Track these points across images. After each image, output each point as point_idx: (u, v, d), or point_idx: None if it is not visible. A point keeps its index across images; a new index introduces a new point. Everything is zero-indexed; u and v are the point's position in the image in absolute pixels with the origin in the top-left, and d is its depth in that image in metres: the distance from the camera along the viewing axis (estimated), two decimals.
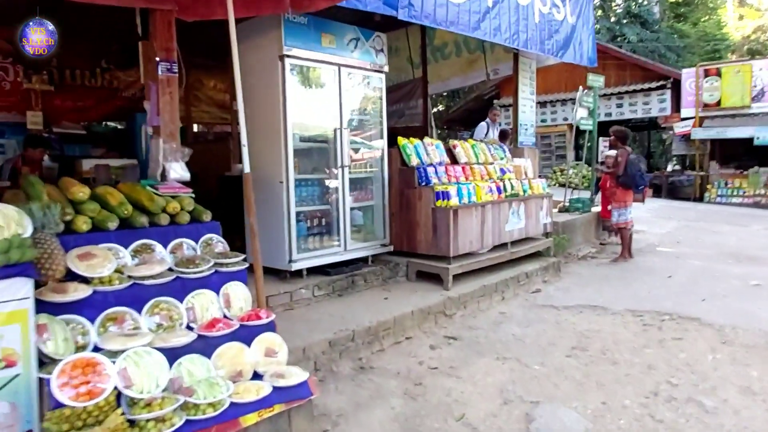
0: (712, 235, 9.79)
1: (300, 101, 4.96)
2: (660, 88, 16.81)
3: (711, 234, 9.95)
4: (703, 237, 9.66)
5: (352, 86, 5.34)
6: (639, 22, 27.46)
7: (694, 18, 31.54)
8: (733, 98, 15.61)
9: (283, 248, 4.72)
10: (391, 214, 5.76)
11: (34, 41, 3.03)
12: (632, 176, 7.65)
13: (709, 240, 9.35)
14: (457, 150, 6.21)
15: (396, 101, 8.53)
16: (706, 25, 30.79)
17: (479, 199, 5.69)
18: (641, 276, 6.87)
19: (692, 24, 30.81)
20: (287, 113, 4.66)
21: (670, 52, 26.08)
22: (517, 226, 6.25)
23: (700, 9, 32.69)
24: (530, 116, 7.46)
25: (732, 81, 15.60)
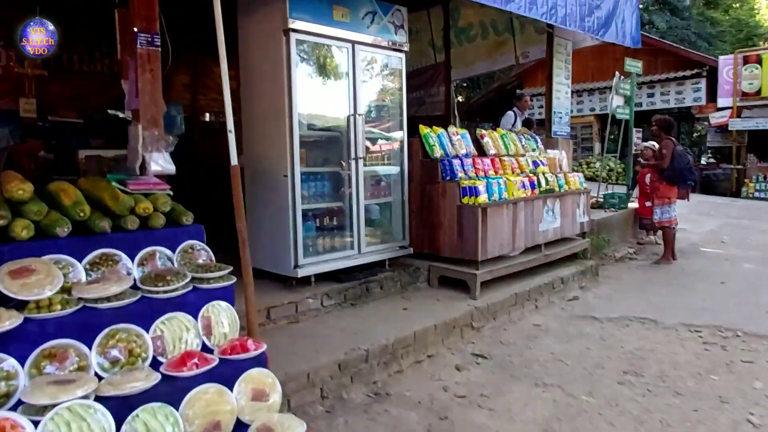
0: (759, 235, 8.91)
1: (308, 84, 4.32)
2: (695, 76, 15.75)
3: (758, 233, 9.06)
4: (750, 236, 8.79)
5: (367, 67, 4.67)
6: (668, 9, 26.17)
7: (725, 5, 30.07)
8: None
9: (288, 252, 4.10)
10: (411, 212, 5.09)
11: (34, 41, 2.57)
12: (679, 170, 6.84)
13: (757, 240, 8.48)
14: (485, 140, 5.50)
15: (416, 88, 7.83)
16: (739, 12, 29.32)
17: (511, 195, 4.98)
18: (690, 282, 6.10)
19: (724, 11, 29.38)
20: (292, 97, 4.02)
21: (701, 40, 24.77)
22: (552, 226, 5.53)
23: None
24: (565, 103, 6.70)
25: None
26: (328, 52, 4.42)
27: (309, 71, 4.36)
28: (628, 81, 8.75)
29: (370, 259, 4.61)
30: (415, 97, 7.93)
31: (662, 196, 7.06)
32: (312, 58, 4.36)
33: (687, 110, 19.05)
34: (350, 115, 4.41)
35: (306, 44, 4.22)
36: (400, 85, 4.89)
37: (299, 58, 4.16)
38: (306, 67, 4.33)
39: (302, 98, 4.15)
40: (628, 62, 8.57)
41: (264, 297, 3.96)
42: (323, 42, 4.27)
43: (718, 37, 26.30)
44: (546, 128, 6.63)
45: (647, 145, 8.33)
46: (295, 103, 4.03)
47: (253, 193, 4.42)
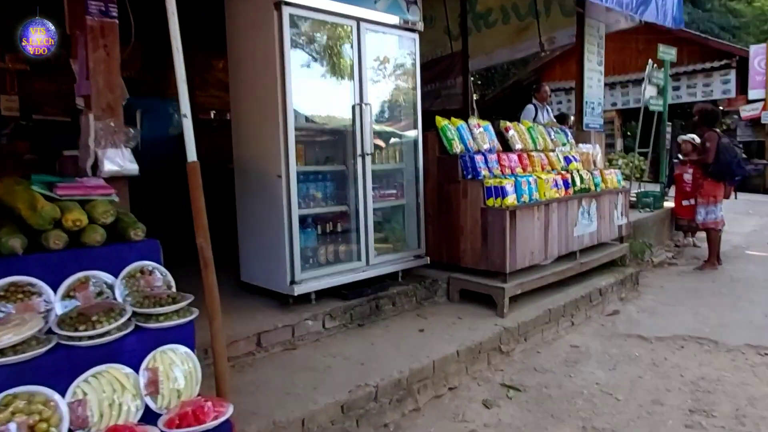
0: None
1: (305, 69, 3.66)
2: (723, 67, 14.76)
3: None
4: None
5: (375, 49, 4.00)
6: (689, 1, 25.13)
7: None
8: None
9: (282, 265, 3.44)
10: (427, 216, 4.41)
11: (34, 41, 2.39)
12: (727, 164, 6.05)
13: None
14: (511, 133, 4.79)
15: (430, 80, 7.13)
16: (764, 2, 28.07)
17: (542, 196, 4.27)
18: (743, 291, 5.31)
19: (747, 2, 28.17)
20: (286, 84, 3.35)
21: (724, 32, 23.66)
22: (587, 230, 4.80)
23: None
24: (597, 93, 5.95)
25: None
26: (328, 31, 3.75)
27: (306, 54, 3.70)
28: (661, 70, 7.95)
29: (380, 272, 3.93)
30: (430, 90, 7.24)
31: (707, 195, 6.27)
32: (310, 38, 3.70)
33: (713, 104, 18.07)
34: (355, 104, 3.74)
35: (302, 21, 3.56)
36: (414, 71, 4.20)
37: (294, 38, 3.50)
38: (302, 50, 3.66)
39: (299, 86, 3.48)
40: (661, 49, 7.77)
41: (255, 320, 3.32)
42: (322, 18, 3.60)
43: (742, 28, 25.17)
44: (577, 120, 5.89)
45: (686, 138, 7.51)
46: (289, 91, 3.36)
47: (243, 197, 3.78)
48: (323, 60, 3.78)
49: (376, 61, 4.07)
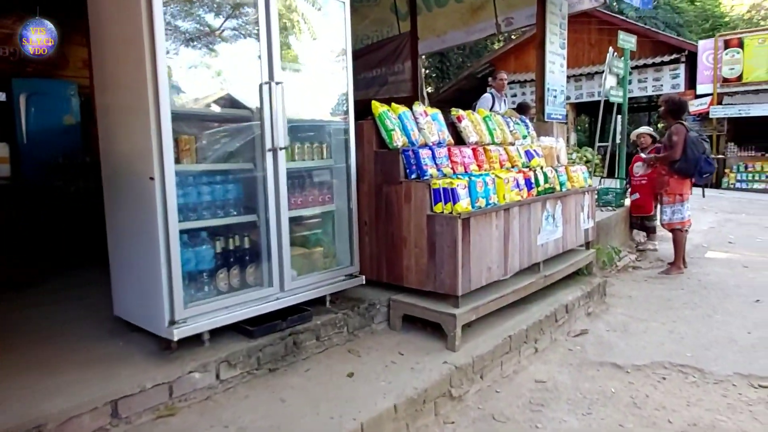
0: (764, 232, 7.69)
1: (193, 37, 2.70)
2: (673, 62, 14.58)
3: (764, 231, 7.84)
4: (757, 235, 7.55)
5: (290, 14, 3.07)
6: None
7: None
8: (757, 71, 13.44)
9: (158, 298, 2.48)
10: (363, 225, 3.54)
11: (34, 41, 2.26)
12: (695, 161, 5.46)
13: (766, 240, 7.24)
14: (464, 124, 3.97)
15: (375, 65, 6.25)
16: (705, 2, 28.65)
17: (501, 199, 3.47)
18: (716, 300, 4.72)
19: (690, 1, 28.67)
20: (157, 52, 2.39)
21: (669, 29, 23.88)
22: (552, 237, 4.05)
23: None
24: (560, 79, 5.21)
25: (756, 52, 13.42)
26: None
27: (193, 19, 2.74)
28: (621, 60, 7.35)
29: (300, 298, 3.03)
30: (376, 76, 6.36)
31: (673, 192, 5.68)
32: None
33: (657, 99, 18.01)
34: (263, 83, 2.81)
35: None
36: (343, 46, 3.30)
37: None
38: (187, 12, 2.70)
39: (184, 60, 2.54)
40: (621, 37, 7.15)
41: (114, 377, 2.34)
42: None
43: (685, 26, 25.52)
44: (538, 110, 5.13)
45: (643, 131, 6.97)
46: (162, 64, 2.40)
47: (112, 206, 2.80)
48: (219, 26, 2.83)
49: (292, 30, 3.14)
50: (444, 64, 26.13)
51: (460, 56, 25.25)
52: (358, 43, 6.48)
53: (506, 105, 7.25)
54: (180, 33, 2.62)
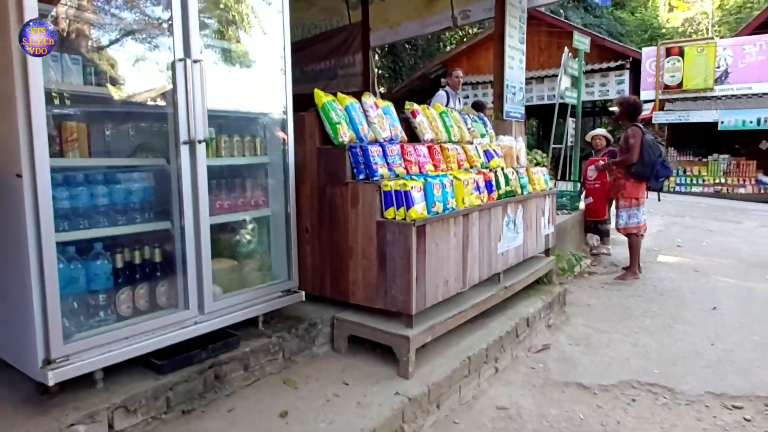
0: (711, 236, 7.75)
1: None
2: (618, 68, 14.86)
3: (708, 234, 7.91)
4: (704, 238, 7.60)
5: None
6: (583, 7, 25.92)
7: (631, 6, 30.57)
8: (696, 80, 13.87)
9: (28, 330, 1.91)
10: (305, 232, 3.06)
11: (34, 41, 1.76)
12: (651, 164, 5.30)
13: (713, 243, 7.27)
14: (419, 119, 3.55)
15: (324, 56, 5.76)
16: (644, 14, 29.85)
17: (460, 203, 3.07)
18: (674, 308, 4.54)
19: (630, 12, 29.79)
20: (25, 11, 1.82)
21: (612, 38, 24.65)
22: (513, 244, 3.70)
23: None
24: (519, 75, 4.90)
25: (695, 61, 13.84)
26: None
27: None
28: (576, 61, 7.19)
29: (224, 321, 2.51)
30: (324, 68, 5.86)
31: (629, 197, 5.51)
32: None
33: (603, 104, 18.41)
34: (177, 60, 2.27)
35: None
36: (280, 21, 2.80)
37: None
38: None
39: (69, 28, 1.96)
40: (576, 37, 6.99)
41: None
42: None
43: (626, 36, 26.44)
44: (496, 108, 4.79)
45: (597, 133, 6.84)
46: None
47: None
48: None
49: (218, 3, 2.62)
50: (397, 65, 25.86)
51: (413, 57, 25.06)
52: (305, 32, 5.97)
53: (461, 104, 6.93)
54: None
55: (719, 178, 13.80)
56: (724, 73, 13.65)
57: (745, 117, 12.83)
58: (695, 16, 34.80)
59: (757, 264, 6.06)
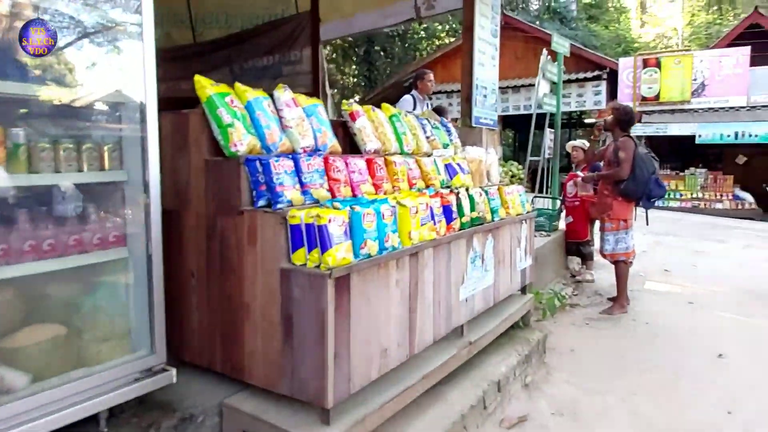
0: (699, 259, 7.06)
1: None
2: (595, 78, 14.34)
3: (696, 256, 7.23)
4: (692, 261, 6.89)
5: None
6: (558, 19, 25.72)
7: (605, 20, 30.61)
8: (673, 92, 13.41)
9: None
10: (189, 277, 2.15)
11: (34, 41, 1.59)
12: (644, 182, 4.54)
13: (703, 267, 6.57)
14: (360, 123, 2.68)
15: (267, 51, 4.88)
16: (618, 28, 29.89)
17: (406, 238, 2.19)
18: (674, 354, 3.74)
19: (604, 26, 29.81)
20: None
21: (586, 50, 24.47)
22: (480, 286, 2.84)
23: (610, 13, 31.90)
24: (492, 75, 4.06)
25: (672, 73, 13.38)
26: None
27: None
28: (555, 65, 6.46)
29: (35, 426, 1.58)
30: (268, 65, 4.98)
31: (616, 218, 4.74)
32: None
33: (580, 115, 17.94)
34: None
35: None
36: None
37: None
38: None
39: None
40: (555, 39, 6.26)
41: None
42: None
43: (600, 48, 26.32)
44: (464, 112, 3.94)
45: (576, 144, 6.09)
46: None
47: None
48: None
49: None
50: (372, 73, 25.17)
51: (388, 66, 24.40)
52: (245, 22, 5.09)
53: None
54: None
55: (696, 193, 13.31)
56: (701, 86, 13.21)
57: (722, 130, 12.37)
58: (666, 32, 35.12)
59: (754, 294, 5.35)
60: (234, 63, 5.01)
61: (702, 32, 28.39)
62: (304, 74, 4.91)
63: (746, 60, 12.65)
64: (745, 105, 12.81)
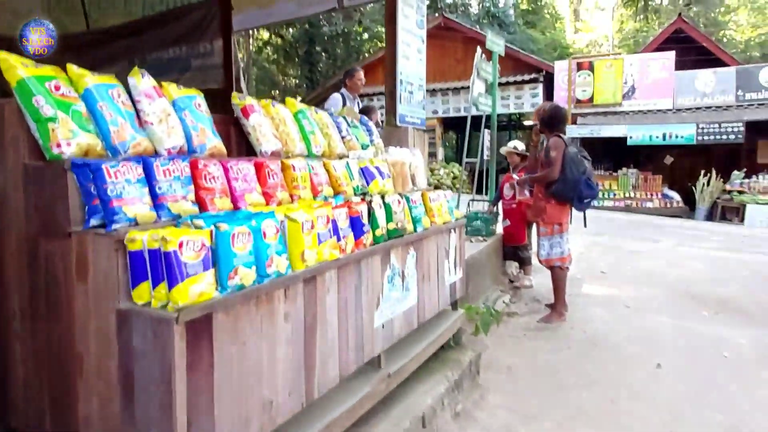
0: (634, 259, 7.07)
1: None
2: (533, 81, 14.54)
3: (631, 257, 7.24)
4: (627, 262, 6.88)
5: None
6: (497, 23, 26.14)
7: (541, 26, 31.52)
8: (606, 94, 13.75)
9: None
10: (11, 317, 1.63)
11: (34, 41, 1.65)
12: (574, 183, 4.34)
13: (637, 268, 6.55)
14: (254, 120, 2.23)
15: (172, 42, 4.32)
16: (553, 33, 30.86)
17: (298, 260, 1.77)
18: (612, 368, 3.52)
19: (540, 31, 30.68)
20: None
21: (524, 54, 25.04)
22: (401, 308, 2.46)
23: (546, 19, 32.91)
24: (418, 69, 3.69)
25: (604, 76, 13.72)
26: None
27: None
28: (490, 63, 6.24)
29: None
30: (174, 57, 4.42)
31: (550, 222, 4.53)
32: None
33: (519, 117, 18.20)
34: None
35: None
36: None
37: None
38: None
39: None
40: (489, 37, 6.04)
41: None
42: None
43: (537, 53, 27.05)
44: (388, 110, 3.56)
45: (510, 149, 5.85)
46: None
47: None
48: None
49: None
50: (314, 74, 24.61)
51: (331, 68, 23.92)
52: (147, 9, 4.51)
53: None
54: None
55: (629, 192, 13.69)
56: (631, 89, 13.63)
57: (651, 132, 12.78)
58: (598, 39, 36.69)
59: (686, 294, 5.33)
60: (135, 55, 4.41)
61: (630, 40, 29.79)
62: (215, 68, 4.38)
63: (671, 64, 13.16)
64: (672, 107, 13.33)
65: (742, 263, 6.85)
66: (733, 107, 12.81)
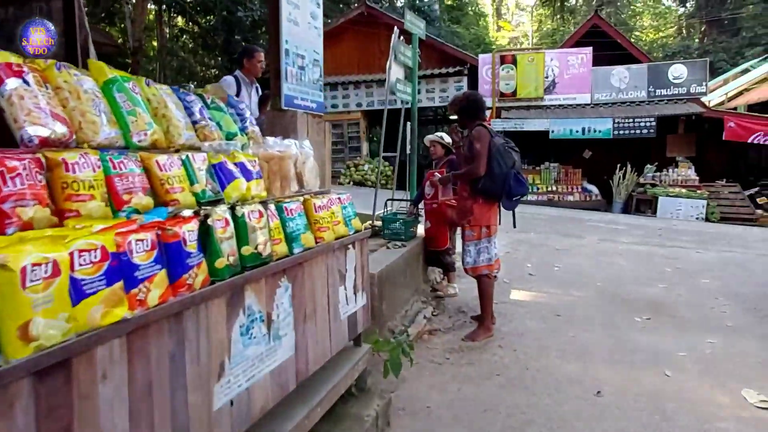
0: (560, 258, 6.74)
1: None
2: (457, 74, 14.21)
3: (557, 255, 6.92)
4: (554, 261, 6.53)
5: None
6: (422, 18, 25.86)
7: (465, 23, 31.73)
8: (528, 88, 13.68)
9: None
10: None
11: (34, 41, 2.02)
12: (502, 178, 3.77)
13: (565, 267, 6.21)
14: (11, 87, 1.36)
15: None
16: (477, 30, 31.16)
17: (17, 343, 0.96)
18: (547, 399, 2.97)
19: (465, 27, 30.86)
20: None
21: None
22: (264, 370, 1.69)
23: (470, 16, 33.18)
24: (312, 38, 2.82)
25: (526, 70, 13.64)
26: None
27: None
28: (410, 48, 5.59)
29: None
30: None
31: (477, 224, 3.94)
32: None
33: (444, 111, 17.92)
34: None
35: None
36: None
37: None
38: None
39: None
40: (408, 18, 5.39)
41: None
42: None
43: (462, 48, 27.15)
44: (273, 91, 2.73)
45: (433, 138, 5.22)
46: None
47: None
48: None
49: None
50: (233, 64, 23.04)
51: None
52: None
53: (257, 98, 4.90)
54: None
55: (551, 186, 13.74)
56: (552, 83, 13.65)
57: (572, 126, 12.84)
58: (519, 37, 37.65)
59: (615, 297, 4.99)
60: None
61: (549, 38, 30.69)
62: None
63: (589, 60, 13.29)
64: (590, 102, 13.49)
65: (664, 259, 6.74)
66: (645, 103, 13.16)
